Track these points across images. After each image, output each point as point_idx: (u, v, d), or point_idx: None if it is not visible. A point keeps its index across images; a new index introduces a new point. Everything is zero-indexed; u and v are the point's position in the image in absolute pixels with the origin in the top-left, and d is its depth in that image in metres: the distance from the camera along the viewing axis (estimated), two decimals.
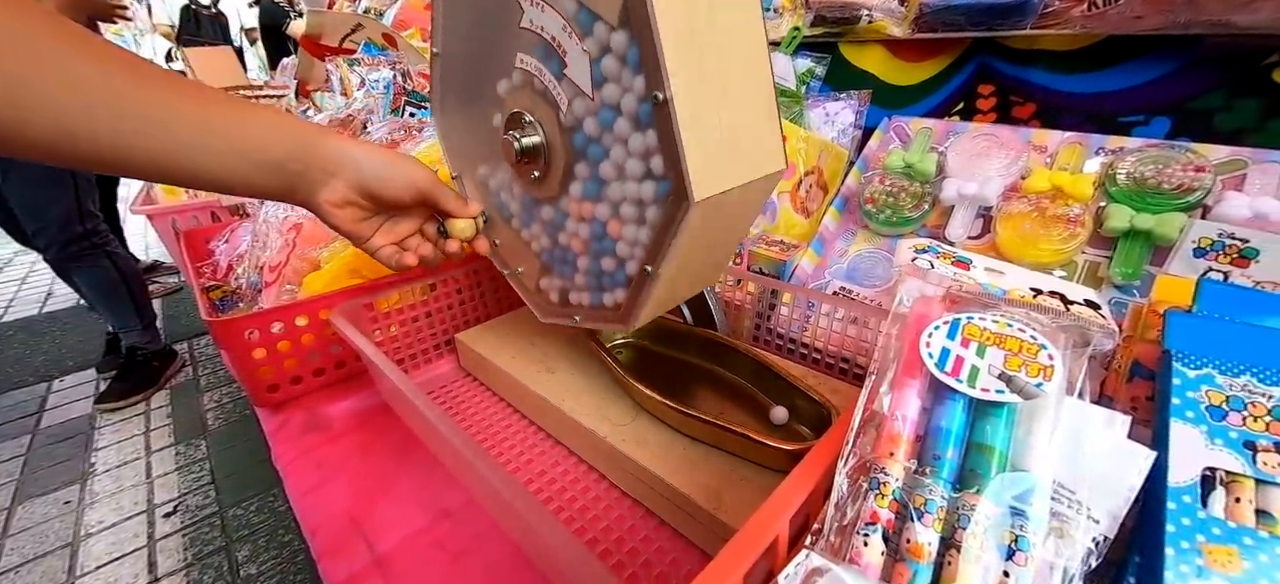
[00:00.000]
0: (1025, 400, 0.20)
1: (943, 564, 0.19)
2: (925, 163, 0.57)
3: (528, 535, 0.33)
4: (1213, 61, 0.51)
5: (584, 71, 0.30)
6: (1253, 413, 0.21)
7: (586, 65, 0.29)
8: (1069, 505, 0.20)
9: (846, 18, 0.68)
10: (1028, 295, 0.26)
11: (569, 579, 0.28)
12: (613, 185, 0.32)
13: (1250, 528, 0.19)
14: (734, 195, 0.30)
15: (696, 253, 0.33)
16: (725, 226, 0.35)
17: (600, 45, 0.28)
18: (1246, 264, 0.32)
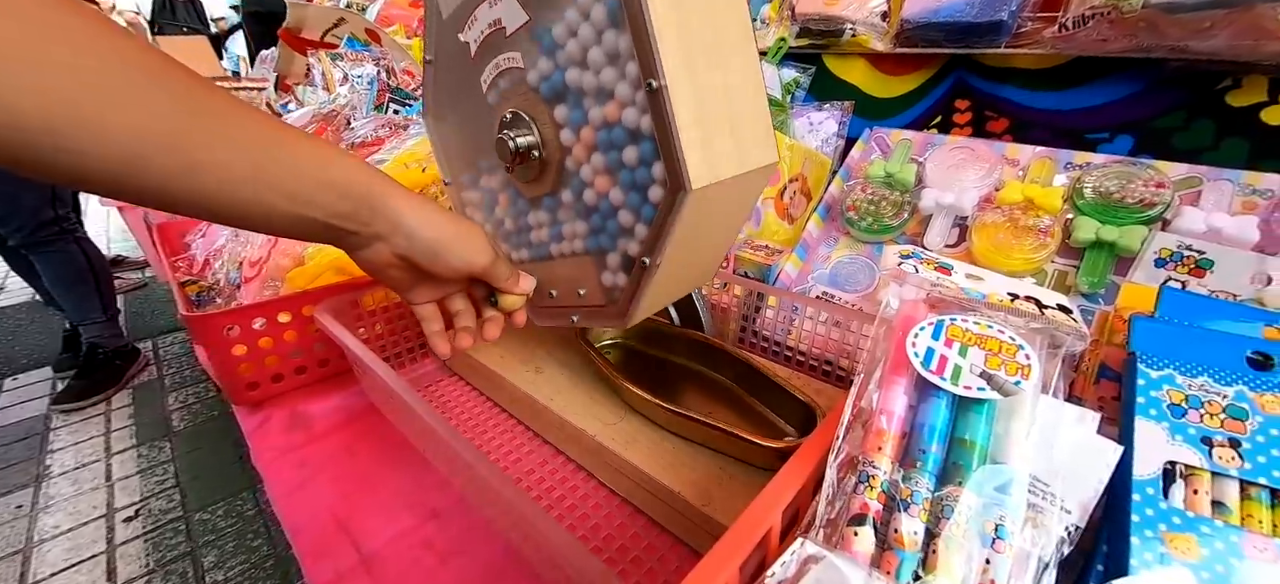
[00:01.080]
0: (1004, 398, 0.21)
1: (928, 552, 0.20)
2: (905, 173, 0.59)
3: (520, 532, 0.33)
4: (1173, 84, 0.54)
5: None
6: (1209, 411, 0.22)
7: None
8: (1044, 497, 0.21)
9: (831, 31, 0.70)
10: (1006, 300, 0.28)
11: (563, 575, 0.28)
12: (604, 171, 0.33)
13: (1207, 517, 0.21)
14: (729, 186, 0.30)
15: (692, 245, 0.34)
16: (720, 220, 0.36)
17: (582, 38, 0.29)
18: (1203, 274, 0.35)
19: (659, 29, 0.25)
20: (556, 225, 0.39)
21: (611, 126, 0.30)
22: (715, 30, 0.29)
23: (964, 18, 0.59)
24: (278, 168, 0.24)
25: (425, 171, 0.59)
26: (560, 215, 0.38)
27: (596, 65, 0.29)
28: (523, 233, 0.41)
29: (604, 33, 0.28)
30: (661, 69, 0.26)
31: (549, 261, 0.41)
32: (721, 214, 0.34)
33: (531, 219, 0.40)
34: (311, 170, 0.26)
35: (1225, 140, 0.52)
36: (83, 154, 0.19)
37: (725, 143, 0.30)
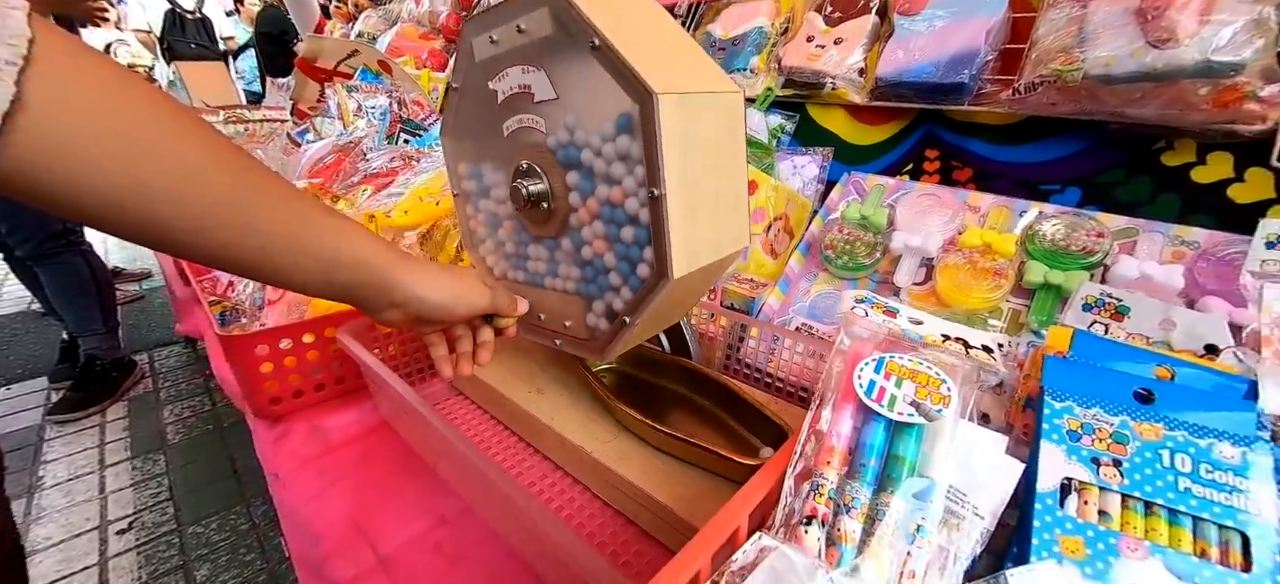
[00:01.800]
0: (929, 422, 0.26)
1: (864, 546, 0.24)
2: (878, 216, 0.65)
3: (526, 535, 0.37)
4: (1115, 144, 0.61)
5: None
6: (1099, 436, 0.27)
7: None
8: (960, 504, 0.25)
9: (813, 83, 0.76)
10: (939, 340, 0.33)
11: (569, 573, 0.32)
12: (602, 234, 0.38)
13: (1093, 524, 0.26)
14: (705, 269, 0.36)
15: (666, 308, 0.39)
16: (693, 287, 0.41)
17: (600, 137, 0.34)
18: (1121, 319, 0.40)
19: (666, 150, 0.31)
20: (553, 263, 0.44)
21: (614, 206, 0.35)
22: (713, 149, 0.35)
23: (930, 78, 0.66)
24: (309, 241, 0.29)
25: (439, 205, 0.64)
26: (558, 257, 0.43)
27: (609, 157, 0.34)
28: (521, 258, 0.46)
29: (620, 136, 0.33)
30: (664, 180, 0.31)
31: (541, 289, 0.46)
32: (695, 284, 0.40)
33: (531, 251, 0.45)
34: (336, 244, 0.30)
35: (1160, 196, 0.58)
36: (165, 223, 0.24)
37: (706, 234, 0.35)
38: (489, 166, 0.46)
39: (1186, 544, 0.25)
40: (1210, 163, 0.56)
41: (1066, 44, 0.58)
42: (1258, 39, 0.49)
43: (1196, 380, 0.30)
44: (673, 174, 0.32)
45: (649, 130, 0.31)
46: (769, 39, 0.83)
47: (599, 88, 0.33)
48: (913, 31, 0.69)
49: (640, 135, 0.32)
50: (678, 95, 0.32)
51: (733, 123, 0.37)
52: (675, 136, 0.32)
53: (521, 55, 0.38)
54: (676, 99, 0.31)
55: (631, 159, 0.33)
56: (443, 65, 1.44)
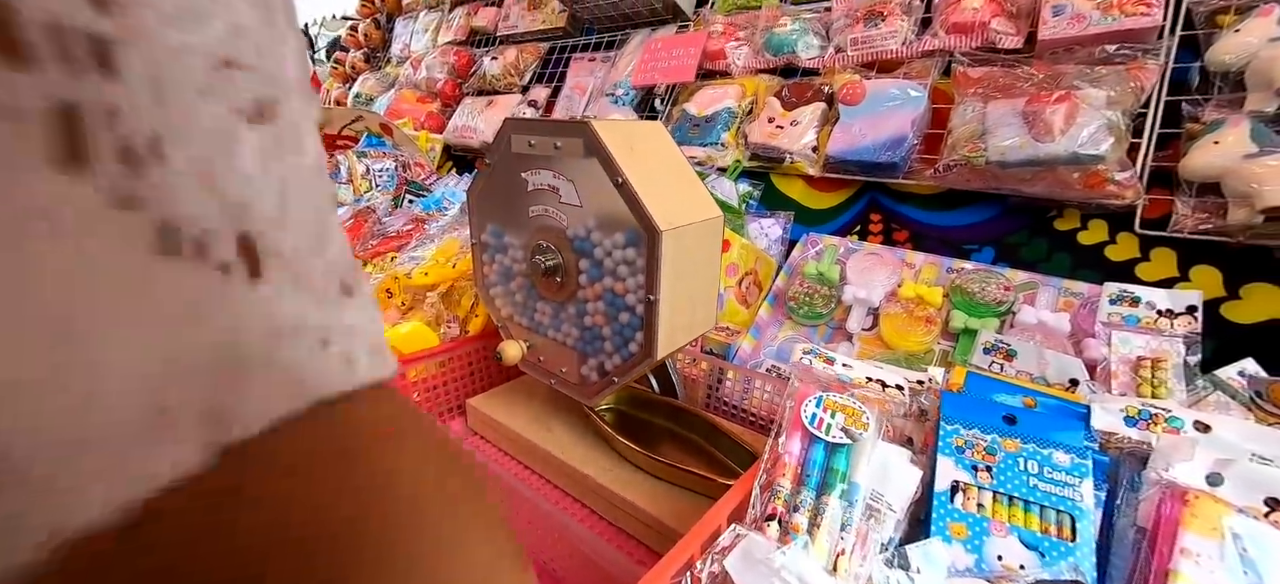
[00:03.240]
0: (854, 443, 0.36)
1: (810, 535, 0.33)
2: (832, 272, 0.77)
3: (548, 541, 0.46)
4: (1018, 212, 0.74)
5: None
6: (976, 450, 0.38)
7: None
8: (879, 502, 0.35)
9: (775, 157, 0.89)
10: (863, 381, 0.43)
11: (587, 565, 0.41)
12: (603, 313, 0.48)
13: (972, 514, 0.36)
14: (681, 345, 0.47)
15: (647, 367, 0.50)
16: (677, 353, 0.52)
17: (612, 237, 0.45)
18: (1011, 359, 0.51)
19: (663, 270, 0.42)
20: (557, 320, 0.53)
21: (616, 295, 0.45)
22: (696, 262, 0.46)
23: (869, 157, 0.79)
24: None
25: (455, 267, 0.73)
26: (562, 317, 0.53)
27: (616, 259, 0.45)
28: (529, 309, 0.56)
29: (628, 247, 0.44)
30: (659, 289, 0.42)
31: (544, 337, 0.55)
32: (677, 349, 0.51)
33: (539, 306, 0.55)
34: None
35: (1054, 254, 0.71)
36: None
37: (685, 322, 0.46)
38: (510, 233, 0.55)
39: (1035, 525, 0.35)
40: (1091, 228, 0.70)
41: (973, 134, 0.72)
42: (1110, 137, 0.63)
43: (1050, 408, 0.41)
44: (665, 285, 0.42)
45: (652, 254, 0.42)
46: (737, 118, 0.97)
47: (616, 210, 0.43)
48: (854, 118, 0.83)
49: (644, 252, 0.42)
50: (676, 229, 0.43)
51: (713, 240, 0.48)
52: (671, 260, 0.42)
53: (554, 163, 0.48)
54: (675, 232, 0.43)
55: (634, 265, 0.43)
56: (439, 127, 1.55)
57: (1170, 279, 0.64)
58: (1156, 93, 0.67)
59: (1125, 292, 0.56)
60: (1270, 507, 0.32)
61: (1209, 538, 0.30)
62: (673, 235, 0.43)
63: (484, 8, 1.66)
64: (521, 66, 1.42)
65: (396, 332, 0.63)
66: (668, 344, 0.47)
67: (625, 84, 1.15)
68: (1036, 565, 0.33)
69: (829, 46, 0.92)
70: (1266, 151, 0.57)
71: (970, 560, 0.34)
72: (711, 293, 0.51)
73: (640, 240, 0.43)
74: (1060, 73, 0.69)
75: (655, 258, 0.43)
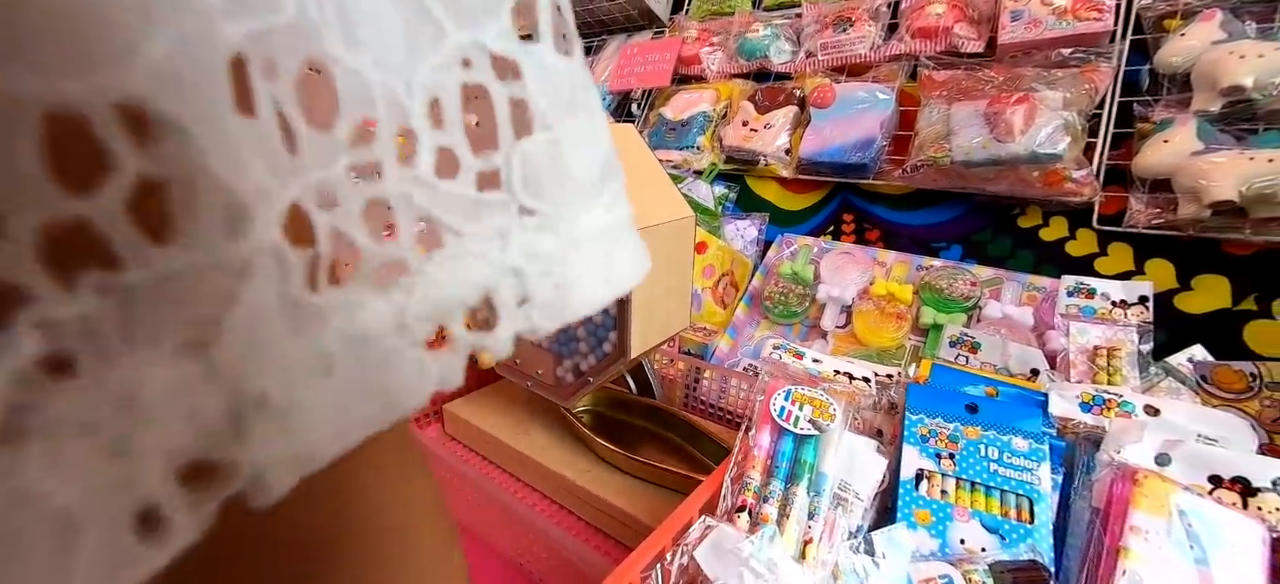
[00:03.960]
0: (822, 434, 0.37)
1: (780, 524, 0.34)
2: (806, 271, 0.78)
3: (524, 543, 0.45)
4: (984, 210, 0.76)
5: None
6: (940, 438, 0.39)
7: None
8: (846, 491, 0.36)
9: (749, 160, 0.90)
10: (831, 375, 0.44)
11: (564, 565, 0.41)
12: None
13: (937, 500, 0.37)
14: (654, 344, 0.48)
15: (621, 368, 0.50)
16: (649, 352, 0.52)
17: None
18: (976, 352, 0.53)
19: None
20: None
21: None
22: (668, 261, 0.48)
23: (840, 158, 0.81)
24: None
25: None
26: None
27: None
28: None
29: None
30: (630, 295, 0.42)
31: (520, 340, 0.55)
32: (649, 348, 0.51)
33: None
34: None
35: (1018, 251, 0.74)
36: None
37: (658, 321, 0.47)
38: None
39: (996, 509, 0.36)
40: (1052, 225, 0.72)
41: (938, 135, 0.74)
42: (1067, 137, 0.65)
43: (1011, 397, 0.42)
44: (637, 293, 0.43)
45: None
46: (712, 122, 0.98)
47: None
48: (825, 120, 0.84)
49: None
50: (647, 229, 0.43)
51: (684, 240, 0.48)
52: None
53: None
54: (646, 231, 0.43)
55: None
56: None
57: (1127, 272, 0.67)
58: (1110, 94, 0.70)
59: (1082, 284, 0.58)
60: (1214, 483, 0.33)
61: (1157, 516, 0.31)
62: (643, 235, 0.44)
63: None
64: None
65: None
66: (641, 343, 0.47)
67: (603, 89, 1.16)
68: (997, 548, 0.34)
69: (800, 51, 0.94)
70: (1212, 148, 0.60)
71: (934, 545, 0.35)
72: (685, 291, 0.52)
73: None
74: (1019, 75, 0.71)
75: None
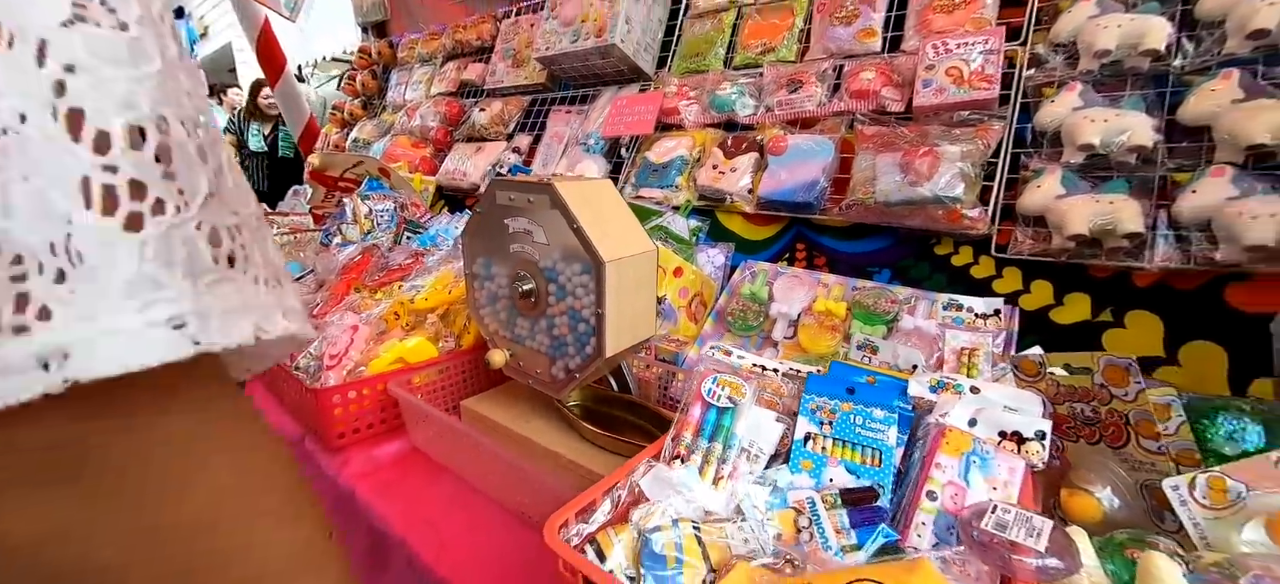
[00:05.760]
0: (735, 406, 0.52)
1: (702, 469, 0.49)
2: (762, 292, 0.94)
3: (523, 495, 0.60)
4: (907, 241, 0.92)
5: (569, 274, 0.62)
6: (824, 411, 0.54)
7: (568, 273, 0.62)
8: (753, 447, 0.51)
9: (718, 197, 1.07)
10: (749, 367, 0.59)
11: None
12: (566, 324, 0.64)
13: (817, 453, 0.52)
14: (626, 347, 0.63)
15: (602, 367, 0.65)
16: (619, 354, 0.68)
17: (572, 267, 0.61)
18: (875, 353, 0.68)
19: (608, 291, 0.58)
20: (533, 332, 0.69)
21: (576, 311, 0.61)
22: (635, 284, 0.63)
23: (790, 198, 0.97)
24: None
25: (450, 292, 0.89)
26: (536, 328, 0.68)
27: (575, 283, 0.61)
28: (511, 324, 0.72)
29: (583, 275, 0.60)
30: (605, 304, 0.58)
31: (521, 346, 0.71)
32: (619, 354, 0.67)
33: (518, 321, 0.70)
34: None
35: (934, 275, 0.89)
36: None
37: (628, 329, 0.63)
38: (495, 265, 0.72)
39: (856, 458, 0.51)
40: (960, 252, 0.88)
41: (866, 179, 0.90)
42: (963, 183, 0.82)
43: (882, 383, 0.57)
44: (610, 302, 0.59)
45: (599, 279, 0.58)
46: (688, 164, 1.15)
47: (574, 247, 0.60)
48: (779, 165, 1.01)
49: (594, 279, 0.59)
50: (617, 260, 0.59)
51: (648, 268, 0.64)
52: (613, 282, 0.59)
53: (528, 212, 0.65)
54: (616, 262, 0.59)
55: (588, 288, 0.60)
56: (432, 170, 1.72)
57: (1017, 291, 0.82)
58: (1005, 146, 0.86)
59: (953, 301, 0.73)
60: (1002, 436, 0.48)
61: (954, 457, 0.46)
62: (614, 265, 0.60)
63: (473, 63, 1.85)
64: (506, 117, 1.61)
65: (403, 346, 0.79)
66: (614, 346, 0.63)
67: (596, 135, 1.34)
68: (854, 482, 0.49)
69: (761, 106, 1.11)
70: (1071, 193, 0.76)
71: (811, 483, 0.49)
72: (650, 308, 0.68)
73: (592, 269, 0.60)
74: (927, 132, 0.88)
75: (601, 282, 0.59)
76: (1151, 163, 0.74)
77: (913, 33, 1.00)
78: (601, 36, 1.27)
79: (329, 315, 0.84)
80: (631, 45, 1.29)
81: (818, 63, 1.08)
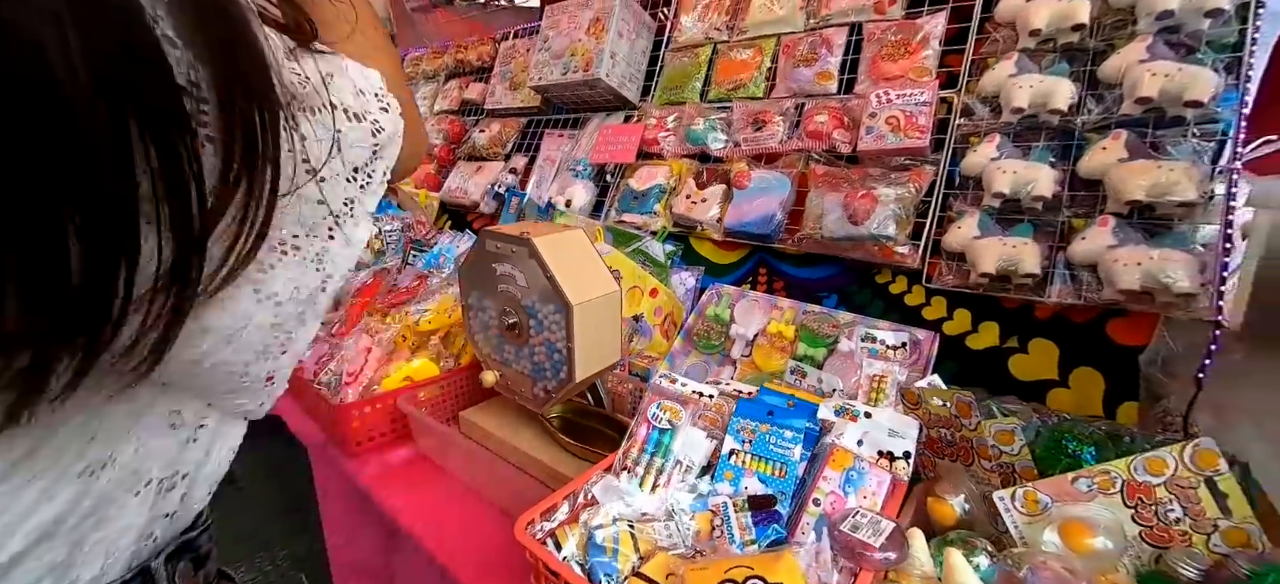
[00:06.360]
0: (674, 428, 0.65)
1: (643, 481, 0.62)
2: (724, 313, 1.06)
3: (508, 492, 0.74)
4: (852, 269, 1.04)
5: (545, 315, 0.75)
6: (746, 431, 0.66)
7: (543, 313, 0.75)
8: (686, 460, 0.64)
9: (691, 225, 1.19)
10: (691, 393, 0.72)
11: None
12: (544, 353, 0.77)
13: (738, 466, 0.64)
14: (594, 372, 0.76)
15: (574, 388, 0.78)
16: (589, 377, 0.81)
17: (547, 307, 0.74)
18: (804, 377, 0.80)
19: (576, 327, 0.71)
20: (517, 357, 0.82)
21: (551, 342, 0.75)
22: (600, 319, 0.75)
23: (752, 229, 1.09)
24: None
25: (450, 316, 1.02)
26: (520, 354, 0.82)
27: (550, 321, 0.74)
28: (500, 348, 0.85)
29: (557, 314, 0.73)
30: (573, 338, 0.71)
31: (508, 368, 0.84)
32: (589, 379, 0.80)
33: (505, 347, 0.84)
34: None
35: (874, 301, 1.01)
36: None
37: (595, 357, 0.75)
38: (486, 298, 0.85)
39: (768, 470, 0.63)
40: (897, 281, 1.00)
41: (817, 216, 1.02)
42: (895, 222, 0.93)
43: (799, 406, 0.69)
44: (578, 338, 0.72)
45: (568, 318, 0.71)
46: (666, 192, 1.27)
47: (549, 291, 0.73)
48: (743, 198, 1.13)
49: (565, 318, 0.71)
50: (585, 302, 0.72)
51: (612, 306, 0.77)
52: (581, 320, 0.72)
53: (512, 260, 0.78)
54: (584, 304, 0.72)
55: (560, 325, 0.73)
56: (436, 186, 1.85)
57: (942, 318, 0.94)
58: (937, 188, 0.97)
59: (870, 333, 0.85)
60: (880, 455, 0.61)
61: (837, 471, 0.59)
62: (581, 307, 0.73)
63: (474, 83, 1.97)
64: (504, 138, 1.73)
65: (410, 366, 0.92)
66: (583, 372, 0.76)
67: (584, 161, 1.46)
68: (762, 490, 0.62)
69: (730, 141, 1.22)
70: (986, 235, 0.87)
71: (731, 490, 0.62)
72: (614, 339, 0.80)
73: (562, 310, 0.72)
74: (869, 174, 0.99)
75: (570, 321, 0.72)
76: (1055, 209, 0.85)
77: (865, 76, 1.10)
78: (588, 70, 1.39)
79: (346, 337, 0.98)
80: (617, 78, 1.41)
81: (781, 101, 1.19)
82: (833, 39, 1.15)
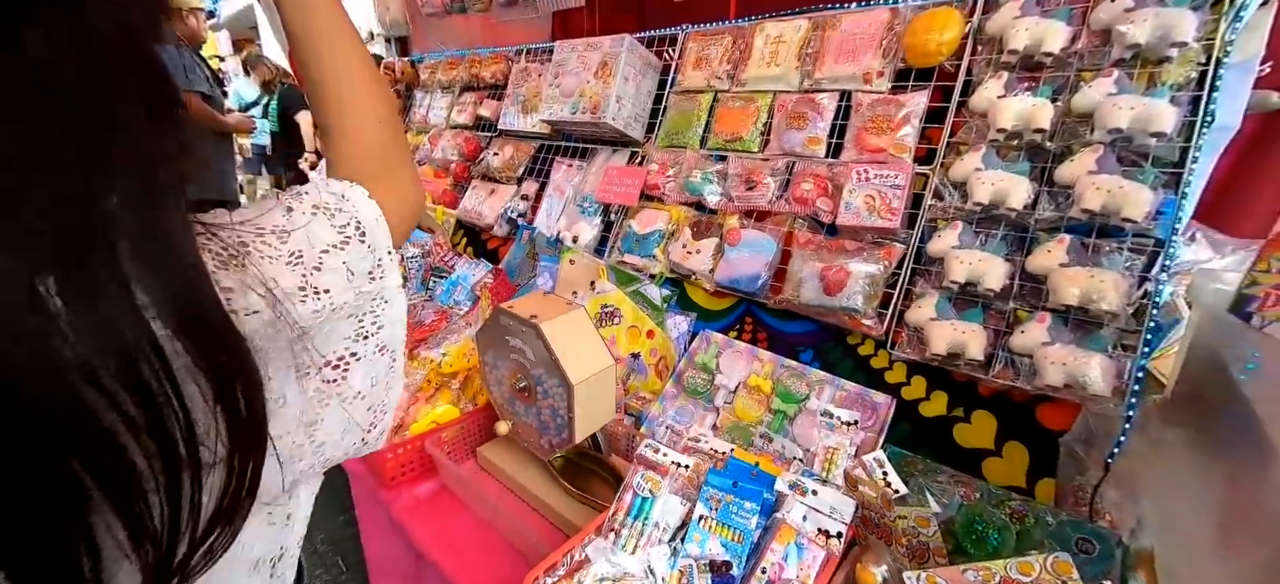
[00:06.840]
0: (654, 496, 0.79)
1: (628, 544, 0.76)
2: (711, 362, 1.19)
3: (518, 530, 0.90)
4: (828, 332, 1.15)
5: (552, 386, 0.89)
6: (713, 499, 0.80)
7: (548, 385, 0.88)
8: (663, 524, 0.78)
9: (685, 274, 1.30)
10: (670, 464, 0.85)
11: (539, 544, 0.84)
12: (550, 415, 0.91)
13: (705, 531, 0.79)
14: (592, 433, 0.90)
15: (575, 446, 0.92)
16: (587, 435, 0.95)
17: (552, 380, 0.88)
18: (770, 442, 0.93)
19: (577, 402, 0.85)
20: (527, 412, 0.97)
21: (555, 408, 0.88)
22: (598, 392, 0.88)
23: (741, 286, 1.20)
24: None
25: (469, 360, 1.16)
26: (528, 410, 0.96)
27: (555, 391, 0.88)
28: (513, 403, 0.99)
29: (561, 387, 0.87)
30: (574, 409, 0.85)
31: (520, 419, 0.98)
32: (588, 434, 0.93)
33: (517, 402, 0.98)
34: None
35: (844, 361, 1.13)
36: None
37: (592, 421, 0.89)
38: (500, 360, 0.99)
39: (729, 535, 0.77)
40: (866, 344, 1.11)
41: (798, 281, 1.13)
42: (863, 296, 1.04)
43: (760, 477, 0.83)
44: (578, 406, 0.85)
45: (569, 395, 0.84)
46: (665, 238, 1.38)
47: (554, 365, 0.86)
48: (733, 254, 1.23)
49: (566, 393, 0.85)
50: (585, 380, 0.85)
51: (610, 378, 0.90)
52: (581, 394, 0.85)
53: (522, 336, 0.91)
54: (584, 382, 0.85)
55: (563, 396, 0.86)
56: (453, 202, 1.96)
57: (901, 383, 1.06)
58: (906, 264, 1.07)
59: (825, 410, 0.97)
60: (821, 533, 0.74)
61: (782, 544, 0.73)
62: (582, 384, 0.86)
63: (488, 99, 2.06)
64: (516, 163, 1.83)
65: (435, 412, 1.07)
66: (581, 434, 0.90)
67: (590, 197, 1.56)
68: (722, 554, 0.76)
69: (724, 195, 1.32)
70: (942, 318, 0.98)
71: (699, 552, 0.77)
72: (609, 404, 0.94)
73: (565, 386, 0.86)
74: (845, 247, 1.09)
75: (571, 396, 0.85)
76: (1005, 298, 0.96)
77: (850, 145, 1.19)
78: (596, 113, 1.48)
79: None
80: (623, 121, 1.49)
81: (773, 160, 1.28)
82: (823, 106, 1.23)
